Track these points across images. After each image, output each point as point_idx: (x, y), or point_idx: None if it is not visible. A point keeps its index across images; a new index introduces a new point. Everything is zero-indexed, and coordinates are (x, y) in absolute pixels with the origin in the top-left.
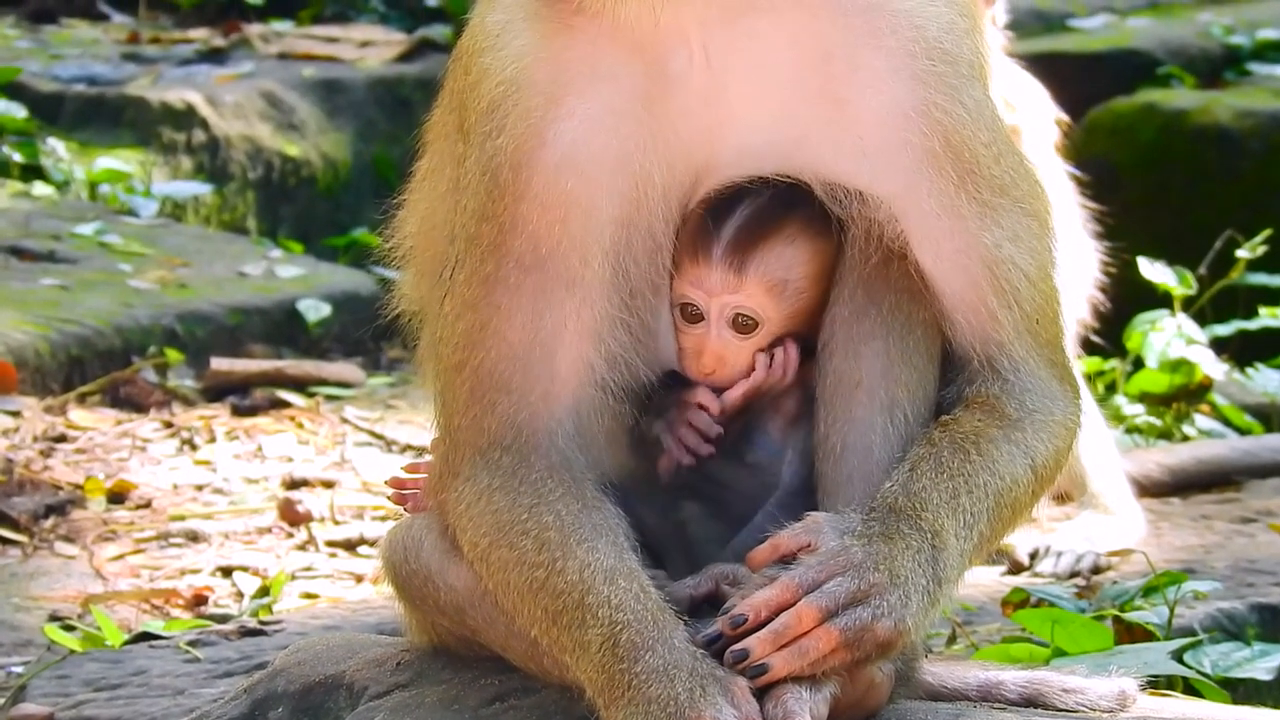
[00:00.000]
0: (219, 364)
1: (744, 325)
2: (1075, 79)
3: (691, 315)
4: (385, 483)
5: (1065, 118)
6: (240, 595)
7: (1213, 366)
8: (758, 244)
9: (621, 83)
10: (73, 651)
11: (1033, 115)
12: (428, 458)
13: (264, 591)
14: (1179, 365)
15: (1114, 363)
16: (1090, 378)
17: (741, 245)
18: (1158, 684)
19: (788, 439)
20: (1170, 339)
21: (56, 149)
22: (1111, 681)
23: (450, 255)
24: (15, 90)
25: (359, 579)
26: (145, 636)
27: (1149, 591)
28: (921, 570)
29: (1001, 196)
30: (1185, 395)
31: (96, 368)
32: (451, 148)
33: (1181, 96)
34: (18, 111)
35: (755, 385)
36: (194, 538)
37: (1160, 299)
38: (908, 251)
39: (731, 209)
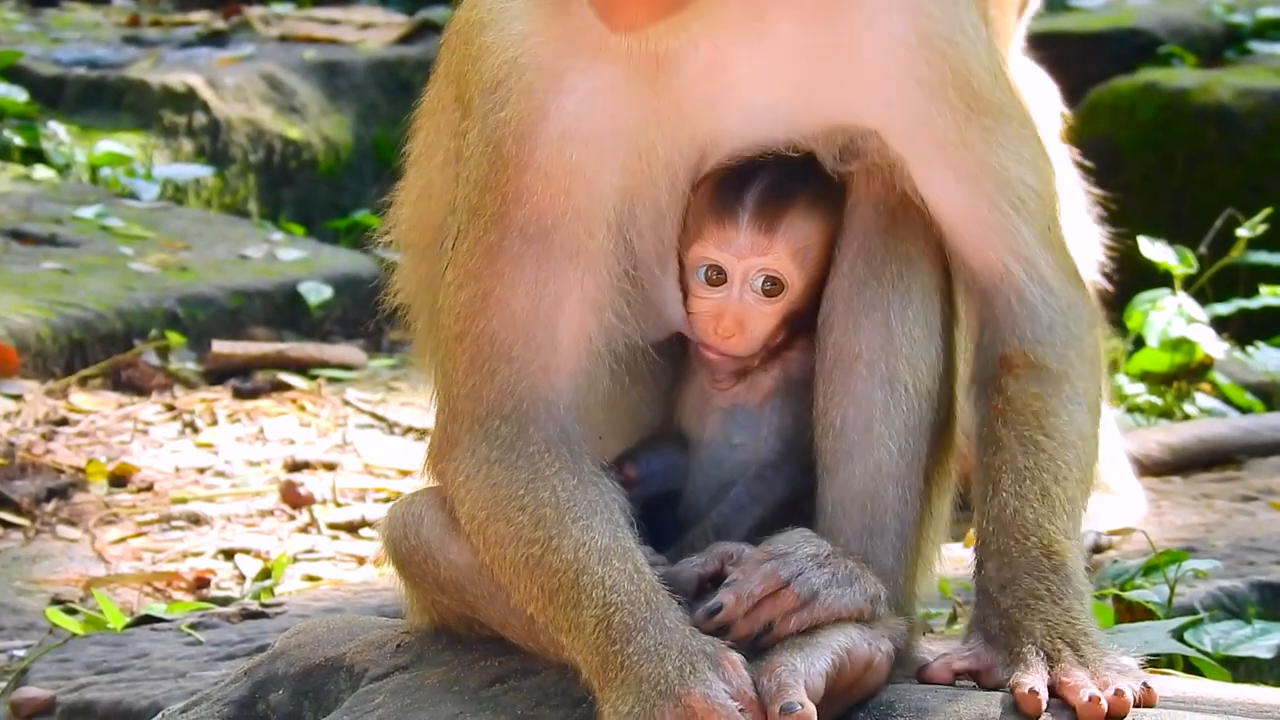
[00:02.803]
0: (220, 347)
1: (770, 289)
2: (1076, 58)
3: (714, 279)
4: None
5: (1066, 110)
6: (242, 578)
7: (1213, 345)
8: (784, 209)
9: (623, 59)
10: (74, 634)
11: (1041, 106)
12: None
13: (266, 574)
14: (1180, 344)
15: (1115, 342)
16: None
17: (769, 210)
18: (1158, 662)
19: (764, 416)
20: (1171, 318)
21: (57, 132)
22: None
23: (451, 226)
24: (16, 74)
25: (361, 561)
26: (147, 619)
27: (1150, 570)
28: (1053, 596)
29: (1001, 116)
30: (1186, 374)
31: (98, 351)
32: (448, 119)
33: (1182, 75)
34: (18, 95)
35: None
36: (196, 520)
37: (1161, 278)
38: (918, 189)
39: (752, 176)
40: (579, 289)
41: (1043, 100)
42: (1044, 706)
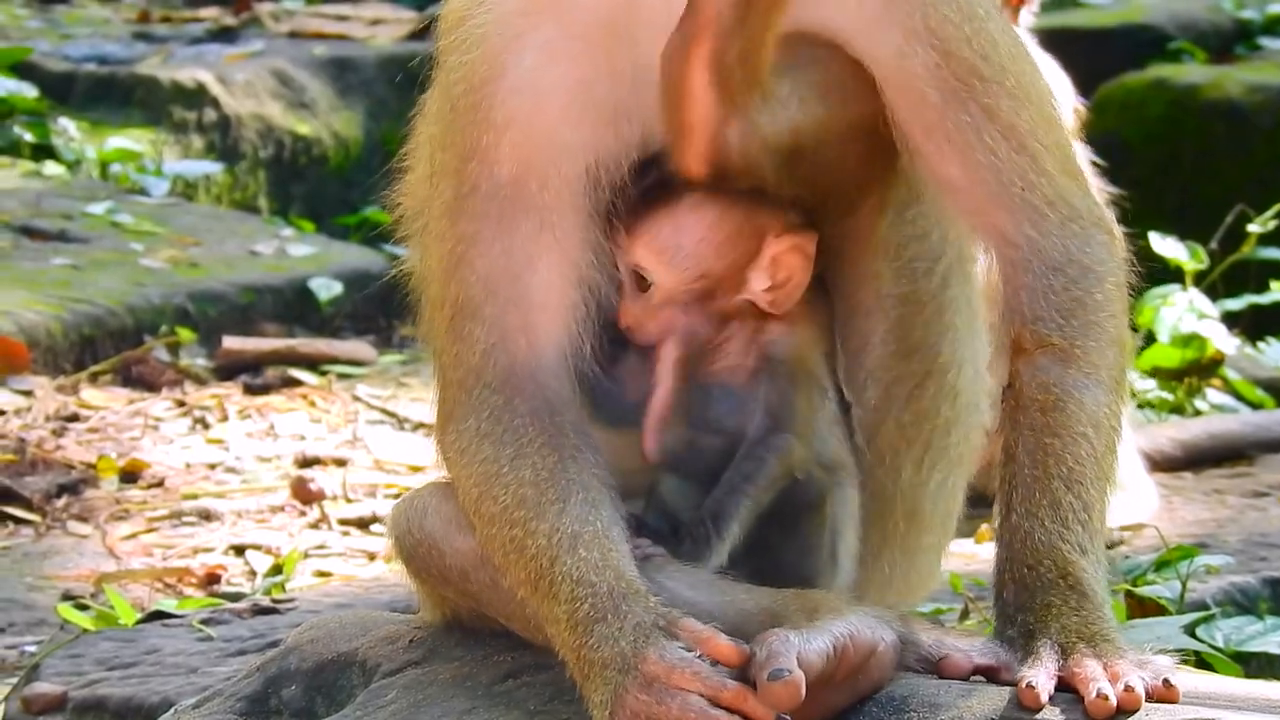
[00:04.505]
0: (231, 343)
1: (643, 284)
2: (1086, 54)
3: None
4: None
5: (1082, 104)
6: (253, 574)
7: (1224, 341)
8: (661, 194)
9: (587, 11)
10: (86, 630)
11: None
12: None
13: (277, 570)
14: (1190, 340)
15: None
16: None
17: (647, 195)
18: None
19: (753, 395)
20: (1182, 314)
21: (68, 128)
22: None
23: (428, 191)
24: (26, 70)
25: (371, 557)
26: (158, 615)
27: (1161, 566)
28: (1070, 609)
29: (991, 81)
30: (1197, 370)
31: (108, 347)
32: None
33: (1192, 71)
34: (29, 91)
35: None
36: (207, 516)
37: (1172, 274)
38: (924, 167)
39: (650, 169)
40: (547, 247)
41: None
42: (1043, 701)
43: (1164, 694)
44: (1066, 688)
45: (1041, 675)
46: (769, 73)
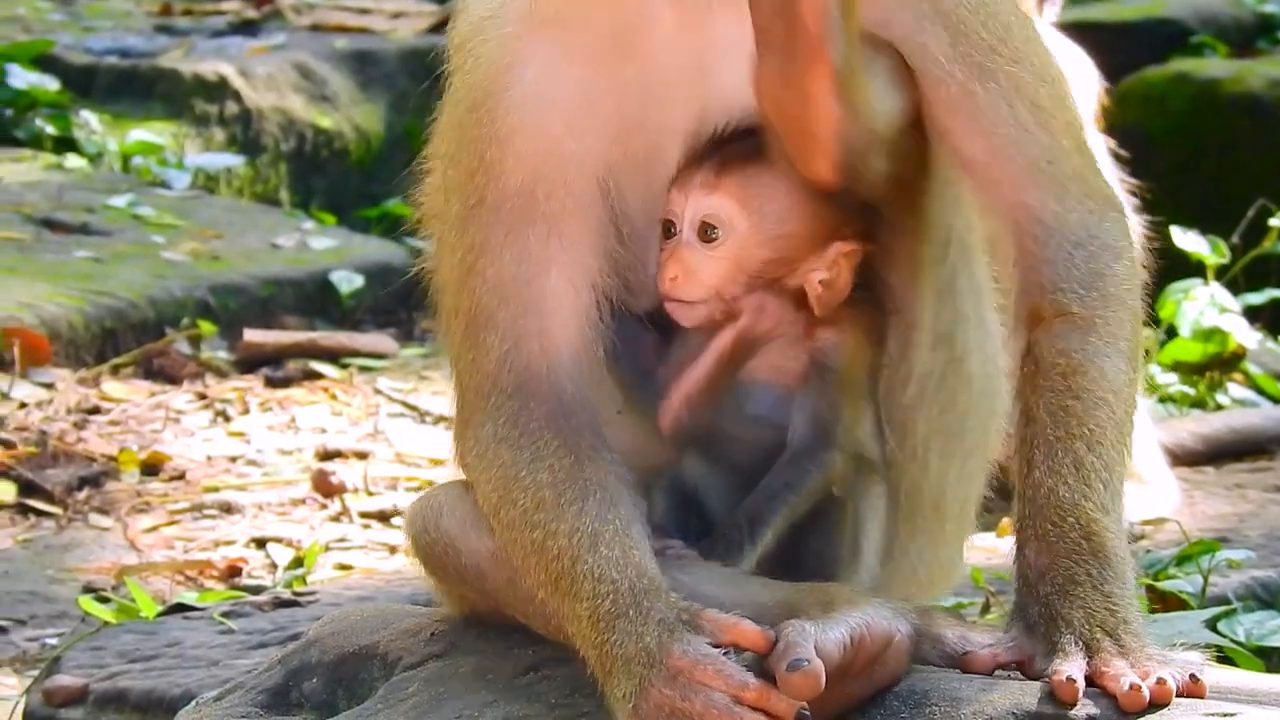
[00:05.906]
0: (252, 335)
1: (708, 234)
2: (1107, 48)
3: (669, 230)
4: None
5: (1105, 89)
6: (274, 566)
7: (1246, 335)
8: (753, 158)
9: (589, 30)
10: (107, 623)
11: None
12: None
13: (298, 563)
14: (1212, 334)
15: (1147, 332)
16: None
17: (738, 152)
18: None
19: (793, 402)
20: (1203, 308)
21: (89, 121)
22: None
23: (441, 203)
24: (48, 63)
25: (392, 550)
26: (179, 608)
27: (1183, 560)
28: (1093, 581)
29: (1010, 57)
30: (1218, 364)
31: (130, 340)
32: None
33: (1214, 65)
34: (50, 84)
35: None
36: (228, 509)
37: (1193, 268)
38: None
39: (750, 131)
40: (556, 254)
41: (1078, 80)
42: (1080, 694)
43: (1191, 689)
44: (1093, 684)
45: (1076, 670)
46: (864, 72)
